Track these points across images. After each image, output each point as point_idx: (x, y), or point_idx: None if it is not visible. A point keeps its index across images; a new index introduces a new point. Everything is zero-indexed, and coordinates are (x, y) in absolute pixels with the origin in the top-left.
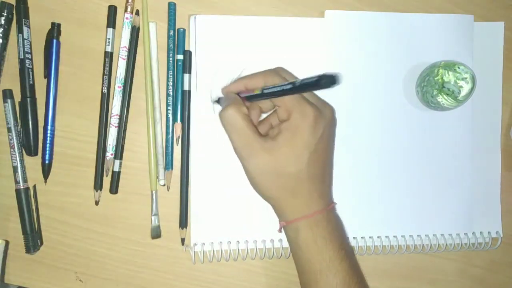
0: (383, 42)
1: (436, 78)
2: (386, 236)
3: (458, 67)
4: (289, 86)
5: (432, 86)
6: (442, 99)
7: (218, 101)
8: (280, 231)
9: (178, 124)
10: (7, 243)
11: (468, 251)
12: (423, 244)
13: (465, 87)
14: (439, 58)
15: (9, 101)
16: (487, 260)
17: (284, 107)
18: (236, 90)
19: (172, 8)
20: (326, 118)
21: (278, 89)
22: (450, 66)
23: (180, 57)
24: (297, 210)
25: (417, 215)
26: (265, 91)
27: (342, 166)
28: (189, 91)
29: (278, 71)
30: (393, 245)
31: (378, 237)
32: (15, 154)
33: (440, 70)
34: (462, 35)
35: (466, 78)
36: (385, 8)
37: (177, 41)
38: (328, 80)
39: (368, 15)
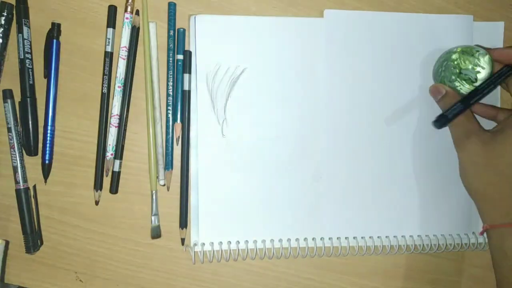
0: (383, 42)
1: (453, 64)
2: (386, 236)
3: (476, 51)
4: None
5: (449, 72)
6: (459, 84)
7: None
8: (482, 234)
9: (178, 124)
10: (7, 243)
11: (468, 251)
12: (423, 244)
13: (482, 72)
14: (437, 58)
15: (9, 101)
16: (487, 260)
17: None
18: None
19: (172, 8)
20: None
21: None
22: (467, 51)
23: (180, 57)
24: (506, 214)
25: (417, 215)
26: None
27: (343, 166)
28: (189, 91)
29: None
30: (393, 245)
31: (378, 237)
32: (15, 154)
33: (457, 56)
34: (462, 35)
35: (482, 63)
36: (385, 8)
37: (177, 41)
38: None
39: (368, 15)
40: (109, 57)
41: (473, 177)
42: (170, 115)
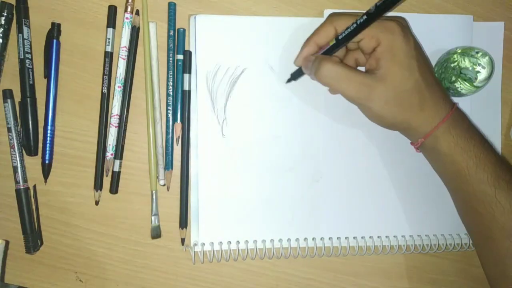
0: None
1: (453, 65)
2: (386, 236)
3: (475, 52)
4: (365, 18)
5: (449, 73)
6: (460, 85)
7: (294, 76)
8: (418, 149)
9: (178, 124)
10: (7, 243)
11: (468, 251)
12: (423, 244)
13: (483, 72)
14: (437, 58)
15: (9, 101)
16: None
17: (367, 37)
18: (311, 53)
19: (172, 8)
20: (406, 25)
21: (355, 27)
22: (467, 51)
23: (180, 57)
24: (430, 121)
25: (417, 215)
26: (341, 36)
27: (342, 166)
28: (189, 91)
29: (334, 14)
30: (393, 245)
31: (378, 237)
32: (15, 154)
33: (457, 56)
34: (462, 35)
35: (483, 63)
36: None
37: (177, 41)
38: None
39: None
40: (109, 57)
41: (391, 113)
42: (170, 115)
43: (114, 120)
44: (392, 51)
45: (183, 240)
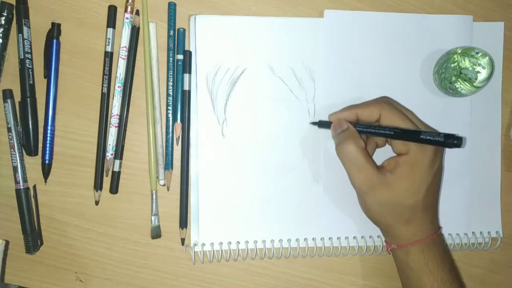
0: (383, 42)
1: (453, 65)
2: None
3: (475, 53)
4: (413, 135)
5: (449, 73)
6: (460, 85)
7: (320, 125)
8: (388, 252)
9: (178, 124)
10: (7, 243)
11: (468, 251)
12: None
13: (483, 72)
14: (437, 58)
15: (9, 101)
16: (487, 260)
17: (401, 142)
18: (347, 119)
19: (172, 8)
20: (441, 152)
21: (398, 131)
22: (467, 51)
23: (180, 57)
24: (410, 236)
25: None
26: (381, 130)
27: (342, 166)
28: (189, 91)
29: (391, 104)
30: None
31: (378, 237)
32: (15, 154)
33: (457, 56)
34: (462, 35)
35: (483, 63)
36: (385, 8)
37: (177, 41)
38: (454, 142)
39: (368, 15)
40: (109, 57)
41: (380, 215)
42: (170, 115)
43: (114, 120)
44: (413, 167)
45: (183, 240)
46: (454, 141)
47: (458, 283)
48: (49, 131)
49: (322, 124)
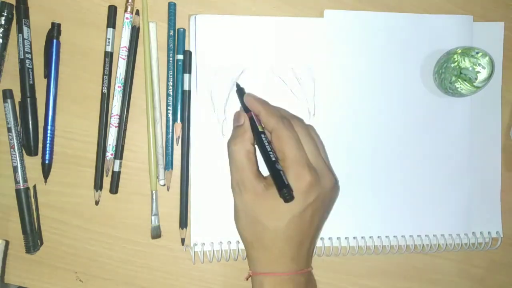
0: (383, 42)
1: (453, 65)
2: (386, 236)
3: (475, 53)
4: (268, 163)
5: (449, 73)
6: (460, 85)
7: (239, 90)
8: (247, 279)
9: (178, 124)
10: (7, 243)
11: (468, 251)
12: (423, 244)
13: (483, 72)
14: (437, 58)
15: (9, 101)
16: (487, 260)
17: (283, 158)
18: (251, 108)
19: (172, 8)
20: (323, 188)
21: (264, 151)
22: (467, 51)
23: (180, 57)
24: (266, 264)
25: (417, 215)
26: (259, 143)
27: (342, 167)
28: (189, 91)
29: (287, 125)
30: (393, 245)
31: (378, 237)
32: (15, 154)
33: (457, 56)
34: (462, 35)
35: (483, 63)
36: (385, 8)
37: (177, 41)
38: (286, 195)
39: (368, 15)
40: (109, 57)
41: (243, 225)
42: (170, 115)
43: (114, 120)
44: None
45: (183, 240)
46: (286, 194)
47: None
48: (49, 131)
49: (239, 97)
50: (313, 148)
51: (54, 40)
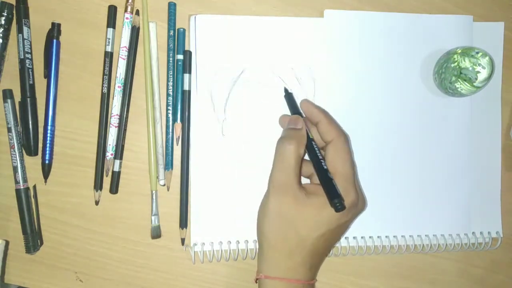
0: (383, 42)
1: (453, 65)
2: (386, 236)
3: (475, 53)
4: (320, 171)
5: (449, 73)
6: (460, 85)
7: (288, 95)
8: (256, 282)
9: (178, 124)
10: (7, 243)
11: (468, 251)
12: (423, 244)
13: (483, 72)
14: (438, 58)
15: (9, 101)
16: (487, 260)
17: (333, 172)
18: (311, 115)
19: (172, 8)
20: (358, 210)
21: (316, 159)
22: (467, 51)
23: (180, 57)
24: (283, 269)
25: (417, 215)
26: (312, 154)
27: None
28: (189, 91)
29: (346, 141)
30: (393, 245)
31: (378, 237)
32: (15, 154)
33: (457, 56)
34: (462, 35)
35: (483, 63)
36: (385, 8)
37: (177, 41)
38: (338, 207)
39: (368, 15)
40: (109, 57)
41: (271, 226)
42: (170, 115)
43: (114, 120)
44: (325, 205)
45: (183, 240)
46: (338, 204)
47: None
48: (49, 131)
49: (289, 101)
50: (356, 170)
51: (54, 40)
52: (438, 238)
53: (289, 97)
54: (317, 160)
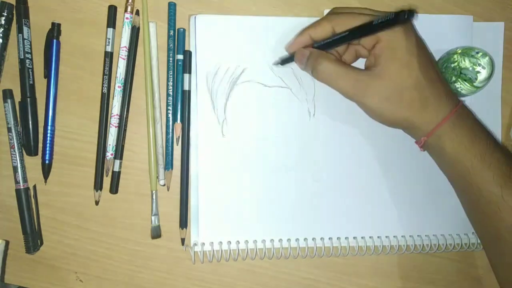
0: None
1: (453, 65)
2: (386, 236)
3: (475, 53)
4: (366, 27)
5: (449, 73)
6: (460, 85)
7: (283, 62)
8: (423, 148)
9: (178, 124)
10: (7, 243)
11: (468, 251)
12: (423, 244)
13: (483, 72)
14: (437, 58)
15: (9, 101)
16: (487, 260)
17: (371, 37)
18: (304, 44)
19: (172, 8)
20: (411, 27)
21: (352, 30)
22: (467, 51)
23: (180, 57)
24: (432, 119)
25: (417, 215)
26: (336, 37)
27: (342, 166)
28: (189, 91)
29: (334, 13)
30: (393, 245)
31: (378, 237)
32: (15, 154)
33: (457, 56)
34: (462, 35)
35: (483, 63)
36: (385, 8)
37: (177, 41)
38: (405, 16)
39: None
40: (109, 57)
41: (391, 110)
42: (170, 115)
43: (114, 120)
44: (391, 48)
45: (183, 240)
46: (405, 15)
47: (498, 152)
48: (49, 131)
49: (285, 61)
50: (370, 10)
51: (54, 40)
52: (438, 238)
53: (282, 60)
54: (345, 35)
